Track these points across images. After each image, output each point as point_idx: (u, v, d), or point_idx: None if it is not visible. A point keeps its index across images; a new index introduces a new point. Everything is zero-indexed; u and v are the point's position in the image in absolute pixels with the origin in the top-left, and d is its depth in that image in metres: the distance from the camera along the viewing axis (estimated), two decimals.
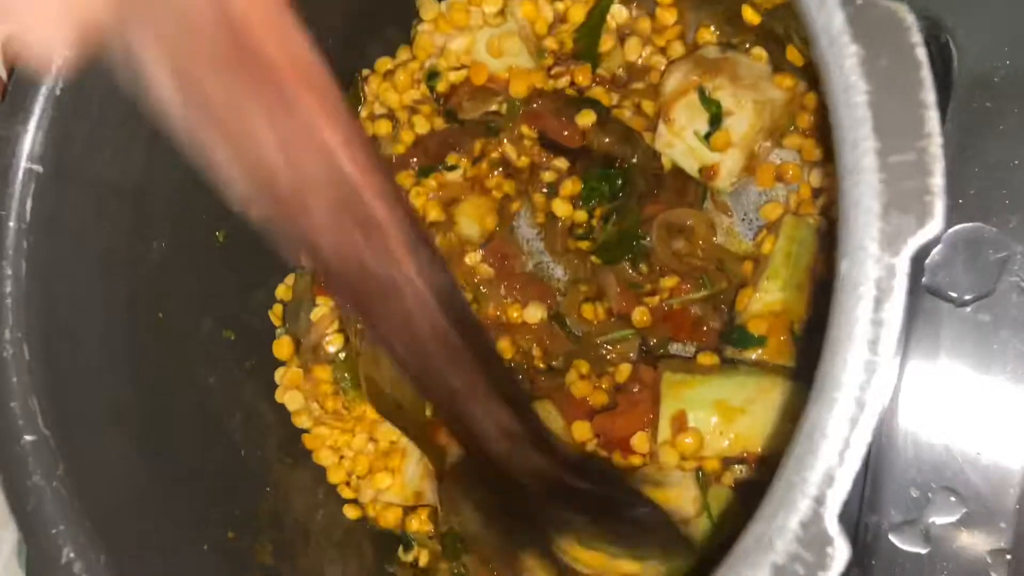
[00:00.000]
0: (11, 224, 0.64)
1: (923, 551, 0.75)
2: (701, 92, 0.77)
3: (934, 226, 0.39)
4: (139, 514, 0.64)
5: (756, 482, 0.72)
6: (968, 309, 0.79)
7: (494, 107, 0.83)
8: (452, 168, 0.84)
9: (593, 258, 0.81)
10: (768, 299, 0.73)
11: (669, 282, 0.79)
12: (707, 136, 0.77)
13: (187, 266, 0.77)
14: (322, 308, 0.83)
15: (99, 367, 0.67)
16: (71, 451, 0.62)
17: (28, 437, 0.61)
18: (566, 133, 0.81)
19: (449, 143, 0.84)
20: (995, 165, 0.74)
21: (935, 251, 0.75)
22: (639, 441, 0.75)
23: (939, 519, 0.78)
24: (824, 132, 0.72)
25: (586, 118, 0.81)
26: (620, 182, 0.80)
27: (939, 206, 0.39)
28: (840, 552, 0.39)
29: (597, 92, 0.83)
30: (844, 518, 0.40)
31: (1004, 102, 0.74)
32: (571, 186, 0.82)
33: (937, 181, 0.39)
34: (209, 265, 0.79)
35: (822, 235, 0.76)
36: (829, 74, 0.41)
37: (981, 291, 0.74)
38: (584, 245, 0.82)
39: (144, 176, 0.71)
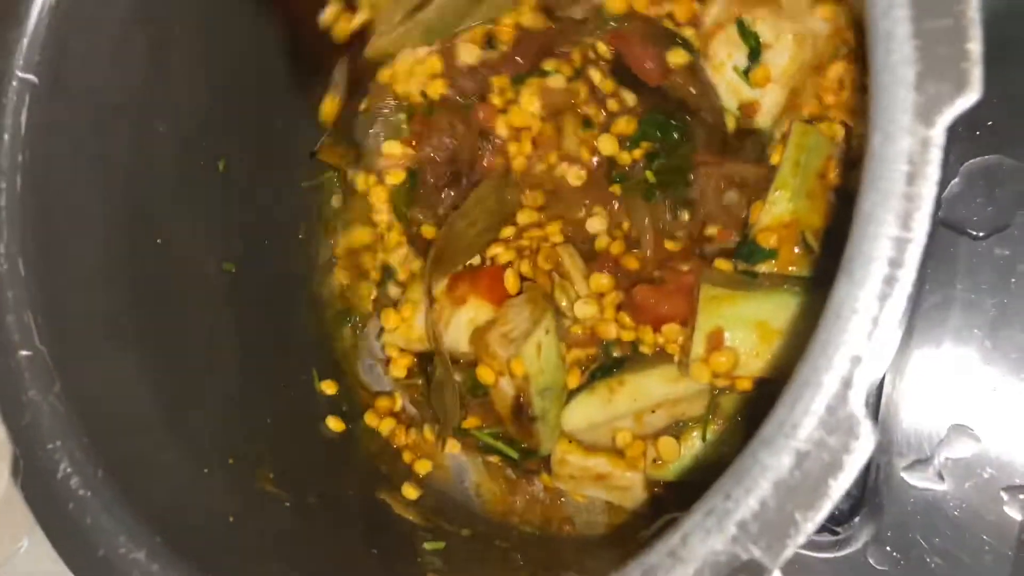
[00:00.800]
0: (5, 137, 0.62)
1: (937, 488, 0.74)
2: (740, 24, 0.74)
3: (972, 95, 0.37)
4: (137, 432, 0.63)
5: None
6: (985, 243, 0.78)
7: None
8: (547, 74, 0.79)
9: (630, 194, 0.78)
10: (777, 211, 0.70)
11: (713, 230, 0.76)
12: (746, 71, 0.74)
13: (187, 192, 0.75)
14: None
15: (97, 285, 0.65)
16: (68, 367, 0.61)
17: (24, 352, 0.60)
18: (648, 66, 0.76)
19: (546, 46, 0.79)
20: (1014, 96, 0.72)
21: (952, 183, 0.73)
22: (671, 331, 0.74)
23: (953, 456, 0.77)
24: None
25: (678, 57, 0.76)
26: (677, 136, 0.76)
27: (976, 73, 0.37)
28: (866, 435, 0.37)
29: (689, 33, 0.78)
30: (868, 406, 0.39)
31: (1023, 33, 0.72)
32: (624, 125, 0.77)
33: (974, 47, 0.37)
34: (209, 193, 0.77)
35: (839, 143, 0.73)
36: None
37: (998, 224, 0.73)
38: (616, 189, 0.79)
39: (144, 92, 0.69)
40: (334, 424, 0.81)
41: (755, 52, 0.74)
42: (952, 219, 0.73)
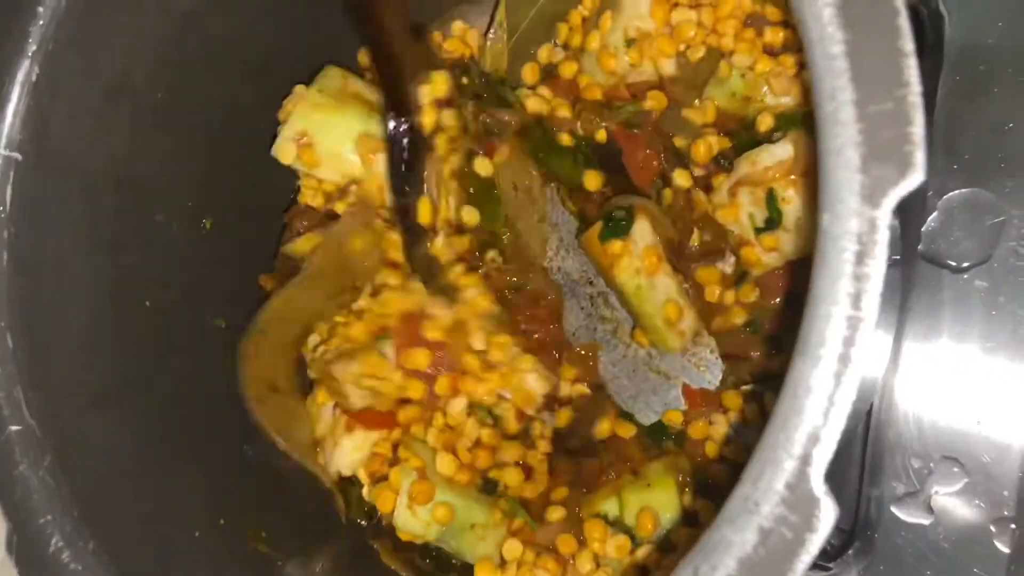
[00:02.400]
0: None
1: (926, 522, 0.74)
2: (771, 194, 0.75)
3: (916, 176, 0.38)
4: (128, 501, 0.64)
5: None
6: (966, 276, 0.78)
7: None
8: None
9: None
10: None
11: None
12: (759, 231, 0.77)
13: (174, 254, 0.76)
14: None
15: (85, 356, 0.66)
16: (57, 440, 0.62)
17: (13, 427, 0.61)
18: (642, 169, 0.79)
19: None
20: (989, 129, 0.73)
21: (931, 218, 0.74)
22: None
23: (942, 489, 0.78)
24: None
25: (683, 178, 0.80)
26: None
27: (919, 156, 0.38)
28: (827, 513, 0.38)
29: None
30: (833, 481, 0.40)
31: (997, 65, 0.73)
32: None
33: (917, 130, 0.38)
34: (196, 253, 0.78)
35: None
36: (806, 26, 0.40)
37: (979, 257, 0.73)
38: None
39: (127, 161, 0.70)
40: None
41: (772, 223, 0.76)
42: (933, 253, 0.74)
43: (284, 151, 0.78)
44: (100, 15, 0.65)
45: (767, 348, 0.80)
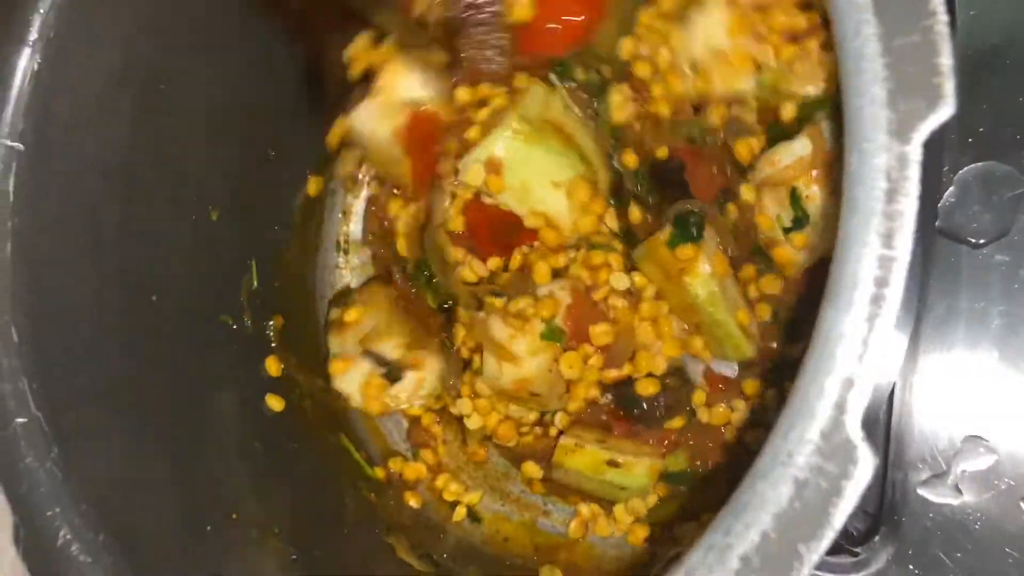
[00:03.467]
0: None
1: (955, 502, 0.73)
2: (793, 193, 0.73)
3: (946, 109, 0.37)
4: (137, 493, 0.62)
5: None
6: (985, 251, 0.77)
7: None
8: None
9: None
10: None
11: None
12: (787, 231, 0.75)
13: (180, 246, 0.75)
14: None
15: (90, 348, 0.65)
16: (64, 432, 0.60)
17: (19, 420, 0.60)
18: (704, 186, 0.77)
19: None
20: (1003, 103, 0.72)
21: (948, 193, 0.73)
22: None
23: (969, 468, 0.76)
24: None
25: (749, 193, 0.77)
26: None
27: (949, 87, 0.37)
28: (865, 460, 0.37)
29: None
30: (868, 428, 0.38)
31: (1008, 38, 0.72)
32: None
33: (945, 61, 0.37)
34: (203, 245, 0.77)
35: None
36: None
37: (997, 231, 0.72)
38: None
39: (130, 151, 0.69)
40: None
41: (799, 222, 0.74)
42: (950, 228, 0.73)
43: (472, 173, 0.77)
44: (102, 4, 0.65)
45: (786, 337, 0.78)
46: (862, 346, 0.37)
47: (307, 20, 0.80)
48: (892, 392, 0.73)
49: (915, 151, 0.37)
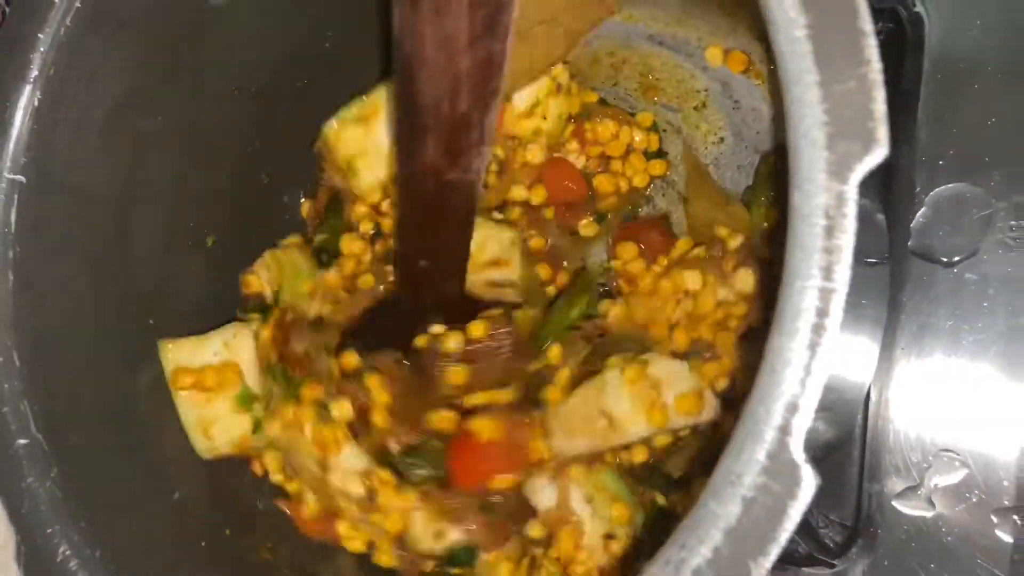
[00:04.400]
0: None
1: (928, 515, 0.74)
2: None
3: (880, 151, 0.39)
4: (135, 512, 0.65)
5: None
6: (956, 270, 0.79)
7: None
8: None
9: None
10: None
11: None
12: None
13: (177, 272, 0.78)
14: None
15: (91, 372, 0.67)
16: (64, 453, 0.63)
17: (21, 441, 0.62)
18: None
19: None
20: (973, 124, 0.74)
21: (920, 214, 0.75)
22: None
23: (942, 481, 0.78)
24: None
25: None
26: None
27: (882, 131, 0.39)
28: (807, 481, 0.39)
29: None
30: (811, 450, 0.40)
31: (977, 62, 0.74)
32: None
33: (879, 106, 0.39)
34: (200, 271, 0.80)
35: None
36: (771, 11, 0.42)
37: (968, 250, 0.74)
38: None
39: (129, 181, 0.71)
40: None
41: None
42: (922, 248, 0.75)
43: None
44: (100, 41, 0.67)
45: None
46: (804, 372, 0.39)
47: None
48: (867, 405, 0.75)
49: (852, 190, 0.39)
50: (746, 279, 0.73)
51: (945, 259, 0.74)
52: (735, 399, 0.75)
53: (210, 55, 0.76)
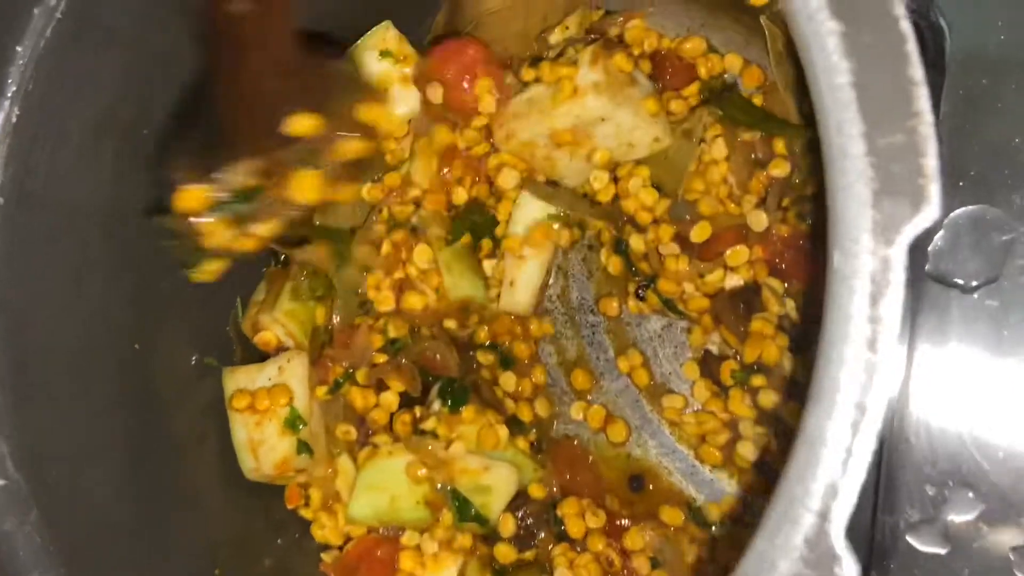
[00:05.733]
0: None
1: (943, 551, 0.72)
2: None
3: (931, 212, 0.36)
4: (119, 555, 0.62)
5: None
6: (976, 295, 0.77)
7: None
8: None
9: None
10: None
11: None
12: None
13: (165, 290, 0.74)
14: None
15: (73, 405, 0.64)
16: (44, 493, 0.60)
17: None
18: None
19: None
20: (995, 144, 0.71)
21: (938, 236, 0.72)
22: None
23: (957, 517, 0.76)
24: None
25: None
26: None
27: (934, 189, 0.36)
28: (849, 571, 0.36)
29: None
30: (854, 528, 0.37)
31: (1000, 79, 0.71)
32: None
33: (930, 162, 0.36)
34: (188, 287, 0.76)
35: None
36: (810, 54, 0.38)
37: (988, 276, 0.72)
38: None
39: (113, 197, 0.68)
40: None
41: None
42: (940, 272, 0.72)
43: None
44: (81, 54, 0.64)
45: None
46: (845, 453, 0.36)
47: None
48: (881, 441, 0.73)
49: (899, 254, 0.36)
50: None
51: (963, 284, 0.71)
52: (770, 470, 0.73)
53: (197, 65, 0.72)
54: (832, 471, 0.36)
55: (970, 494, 0.75)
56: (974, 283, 0.72)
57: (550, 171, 0.80)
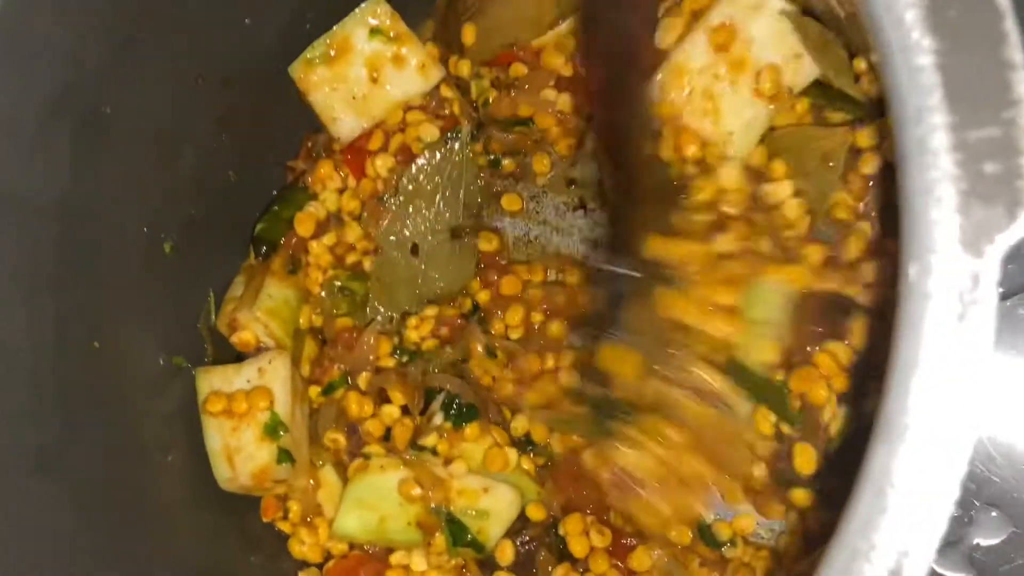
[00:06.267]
0: None
1: None
2: None
3: None
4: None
5: None
6: (1009, 303, 0.73)
7: None
8: None
9: None
10: None
11: None
12: None
13: (127, 285, 0.68)
14: None
15: (23, 412, 0.57)
16: None
17: None
18: None
19: None
20: None
21: None
22: None
23: (984, 540, 0.71)
24: None
25: None
26: None
27: None
28: None
29: None
30: None
31: None
32: None
33: None
34: (154, 282, 0.70)
35: None
36: (884, 32, 0.32)
37: (1021, 284, 0.68)
38: None
39: (70, 184, 0.61)
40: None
41: None
42: None
43: None
44: (36, 25, 0.57)
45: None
46: (921, 499, 0.31)
47: None
48: None
49: (991, 269, 0.31)
50: None
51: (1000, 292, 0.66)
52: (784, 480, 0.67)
53: (169, 37, 0.65)
54: (904, 521, 0.31)
55: (997, 515, 0.71)
56: (1008, 290, 0.68)
57: None
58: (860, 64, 0.69)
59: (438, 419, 0.71)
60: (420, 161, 0.77)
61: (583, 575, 0.71)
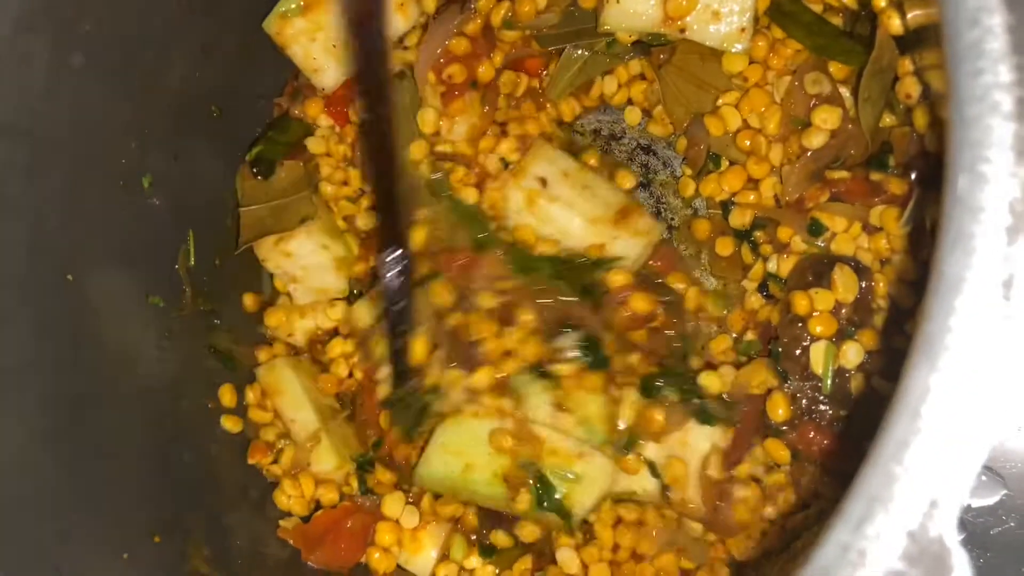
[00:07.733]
0: None
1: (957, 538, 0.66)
2: None
3: None
4: (44, 518, 0.53)
5: None
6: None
7: None
8: None
9: None
10: None
11: None
12: None
13: (103, 218, 0.64)
14: None
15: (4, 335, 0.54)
16: None
17: None
18: None
19: None
20: None
21: None
22: None
23: (976, 501, 0.71)
24: None
25: None
26: None
27: None
28: (961, 571, 0.29)
29: None
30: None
31: None
32: None
33: None
34: (131, 217, 0.67)
35: None
36: None
37: None
38: None
39: (45, 107, 0.58)
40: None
41: None
42: None
43: None
44: None
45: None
46: (964, 426, 0.29)
47: None
48: None
49: None
50: None
51: None
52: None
53: None
54: (945, 447, 0.29)
55: (991, 477, 0.71)
56: None
57: None
58: None
59: (572, 352, 0.67)
60: None
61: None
